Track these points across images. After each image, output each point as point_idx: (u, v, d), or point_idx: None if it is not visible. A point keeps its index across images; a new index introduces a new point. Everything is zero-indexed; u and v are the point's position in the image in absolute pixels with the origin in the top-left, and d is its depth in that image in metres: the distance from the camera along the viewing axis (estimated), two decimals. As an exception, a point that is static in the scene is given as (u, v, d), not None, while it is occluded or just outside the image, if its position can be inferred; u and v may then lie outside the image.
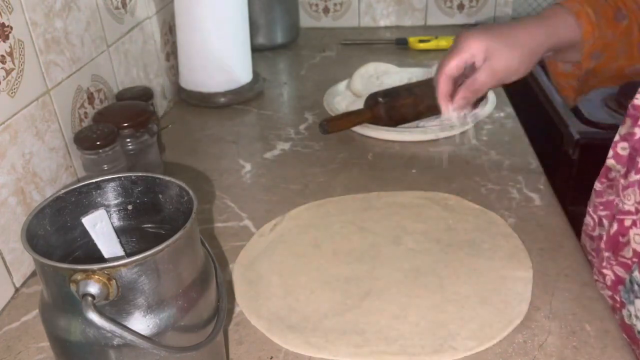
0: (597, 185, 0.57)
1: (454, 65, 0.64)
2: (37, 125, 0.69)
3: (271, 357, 0.56)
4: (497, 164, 0.84)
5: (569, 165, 1.04)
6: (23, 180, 0.66)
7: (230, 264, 0.68)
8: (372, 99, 0.94)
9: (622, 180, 0.53)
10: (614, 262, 0.55)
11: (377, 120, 0.93)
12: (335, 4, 1.47)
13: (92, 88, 0.82)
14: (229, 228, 0.74)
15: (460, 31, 0.67)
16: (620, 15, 0.64)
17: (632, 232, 0.52)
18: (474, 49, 0.63)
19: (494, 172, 0.82)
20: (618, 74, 0.68)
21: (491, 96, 1.00)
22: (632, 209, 0.51)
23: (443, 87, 0.65)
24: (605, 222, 0.57)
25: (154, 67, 1.03)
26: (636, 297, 0.54)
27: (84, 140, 0.71)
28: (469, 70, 0.66)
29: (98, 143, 0.70)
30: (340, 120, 0.93)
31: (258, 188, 0.83)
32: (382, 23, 1.48)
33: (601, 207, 0.57)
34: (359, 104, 0.98)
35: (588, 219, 0.61)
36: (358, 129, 0.94)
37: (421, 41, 1.31)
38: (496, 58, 0.63)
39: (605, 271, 0.57)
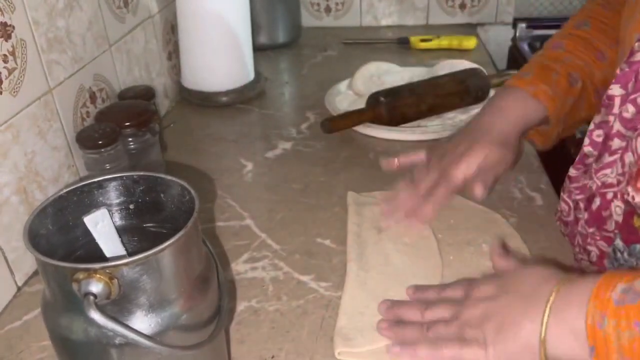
0: (572, 172, 0.60)
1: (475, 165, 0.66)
2: (39, 125, 0.69)
3: (272, 356, 0.56)
4: (498, 163, 0.84)
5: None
6: (25, 179, 0.66)
7: (231, 263, 0.68)
8: (374, 99, 0.94)
9: (594, 164, 0.57)
10: (598, 237, 0.57)
11: (378, 120, 0.93)
12: (337, 3, 1.47)
13: (94, 87, 0.82)
14: (230, 227, 0.75)
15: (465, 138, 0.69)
16: (573, 80, 0.69)
17: (613, 204, 0.54)
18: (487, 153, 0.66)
19: (496, 172, 0.82)
20: (579, 123, 0.75)
21: (493, 95, 0.99)
22: (615, 181, 0.54)
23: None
24: (581, 204, 0.59)
25: (156, 67, 1.03)
26: (620, 264, 0.57)
27: (86, 139, 0.71)
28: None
29: (100, 142, 0.70)
30: (342, 120, 0.93)
31: (259, 187, 0.83)
32: (383, 22, 1.48)
33: (577, 192, 0.60)
34: (361, 104, 0.98)
35: (563, 205, 0.63)
36: (359, 129, 0.94)
37: (423, 40, 1.31)
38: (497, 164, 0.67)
39: (589, 247, 0.59)
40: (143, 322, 0.41)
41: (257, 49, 1.18)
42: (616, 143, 0.53)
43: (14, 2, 0.64)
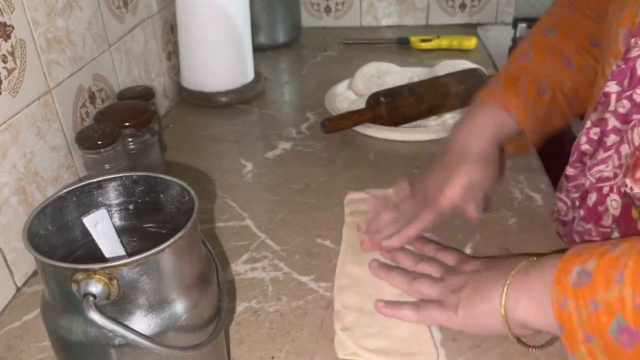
0: (570, 171, 0.61)
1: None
2: (39, 125, 0.69)
3: (272, 357, 0.56)
4: (498, 163, 0.84)
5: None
6: (24, 180, 0.66)
7: (231, 264, 0.68)
8: (374, 99, 0.94)
9: (588, 161, 0.57)
10: (594, 234, 0.59)
11: (378, 120, 0.93)
12: (337, 3, 1.47)
13: (94, 87, 0.82)
14: (230, 228, 0.74)
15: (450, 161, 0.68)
16: (541, 90, 0.69)
17: (609, 198, 0.56)
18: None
19: (496, 172, 0.82)
20: (553, 133, 0.73)
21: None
22: (611, 174, 0.55)
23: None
24: (577, 203, 0.60)
25: (155, 67, 1.03)
26: None
27: (85, 139, 0.71)
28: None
29: (99, 142, 0.70)
30: (342, 120, 0.93)
31: (259, 188, 0.83)
32: (383, 22, 1.48)
33: (574, 190, 0.60)
34: (361, 104, 0.98)
35: (560, 205, 0.64)
36: (359, 129, 0.94)
37: (423, 40, 1.31)
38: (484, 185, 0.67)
39: None
40: (143, 322, 0.41)
41: (257, 49, 1.18)
42: (611, 139, 0.54)
43: (13, 2, 0.64)
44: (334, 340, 0.56)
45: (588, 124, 0.57)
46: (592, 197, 0.57)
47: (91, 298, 0.37)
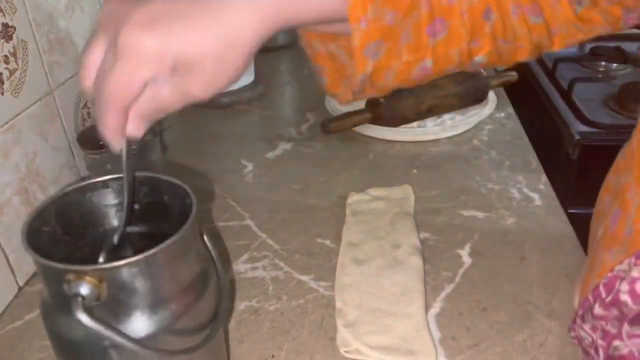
0: (598, 311, 0.48)
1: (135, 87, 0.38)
2: (41, 125, 0.69)
3: (272, 356, 0.56)
4: (497, 163, 0.85)
5: (569, 165, 1.05)
6: (27, 180, 0.67)
7: (232, 263, 0.68)
8: (374, 99, 0.94)
9: (627, 326, 0.45)
10: None
11: (378, 120, 0.93)
12: (337, 4, 1.47)
13: (95, 88, 0.82)
14: (230, 228, 0.75)
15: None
16: None
17: None
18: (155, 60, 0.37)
19: (495, 172, 0.83)
20: (403, 77, 0.46)
21: (491, 96, 1.00)
22: None
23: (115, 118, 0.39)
24: (601, 351, 0.48)
25: (156, 67, 1.03)
26: None
27: (87, 140, 0.71)
28: None
29: (101, 143, 0.70)
30: (342, 120, 0.93)
31: (260, 188, 0.84)
32: (383, 23, 1.48)
33: (601, 334, 0.49)
34: (360, 104, 0.98)
35: (583, 334, 0.52)
36: (359, 129, 0.95)
37: (423, 41, 1.31)
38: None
39: None
40: (138, 324, 0.40)
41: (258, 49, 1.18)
42: None
43: (15, 4, 0.64)
44: (337, 337, 0.57)
45: (635, 273, 0.44)
46: None
47: (80, 299, 0.37)
